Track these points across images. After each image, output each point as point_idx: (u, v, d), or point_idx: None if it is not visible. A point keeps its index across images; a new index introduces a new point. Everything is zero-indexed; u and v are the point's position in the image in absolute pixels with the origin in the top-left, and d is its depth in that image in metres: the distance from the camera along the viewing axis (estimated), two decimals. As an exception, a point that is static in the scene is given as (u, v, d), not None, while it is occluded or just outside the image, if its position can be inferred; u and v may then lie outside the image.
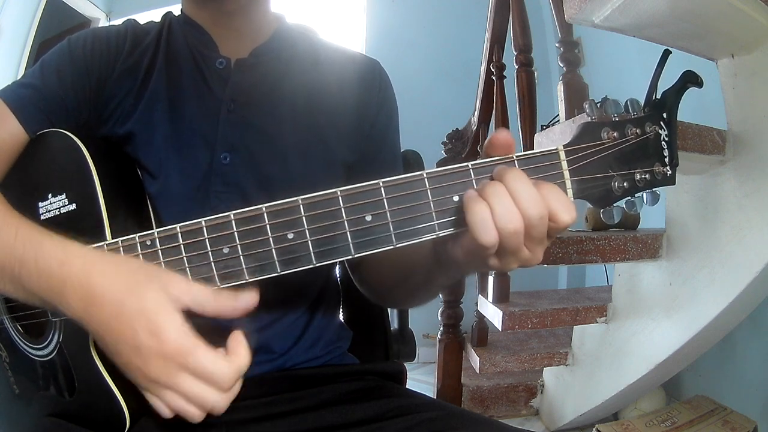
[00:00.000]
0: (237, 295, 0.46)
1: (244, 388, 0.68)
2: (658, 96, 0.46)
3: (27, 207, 0.60)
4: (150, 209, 0.67)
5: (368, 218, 0.43)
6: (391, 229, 0.44)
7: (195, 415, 0.45)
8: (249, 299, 0.46)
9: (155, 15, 0.77)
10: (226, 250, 0.46)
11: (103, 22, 3.19)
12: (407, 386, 0.81)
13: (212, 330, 0.46)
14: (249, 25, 0.72)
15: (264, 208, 0.44)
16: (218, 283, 0.48)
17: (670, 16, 1.12)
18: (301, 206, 0.43)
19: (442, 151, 2.15)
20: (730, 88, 1.30)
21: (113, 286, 0.45)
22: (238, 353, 0.46)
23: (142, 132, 0.68)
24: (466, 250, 0.45)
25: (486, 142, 0.45)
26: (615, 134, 0.45)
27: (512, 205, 0.42)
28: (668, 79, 0.47)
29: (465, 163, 0.44)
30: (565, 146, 0.45)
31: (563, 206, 0.42)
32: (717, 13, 1.13)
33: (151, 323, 0.43)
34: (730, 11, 1.12)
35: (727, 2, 1.10)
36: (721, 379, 1.78)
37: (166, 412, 0.46)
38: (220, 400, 0.45)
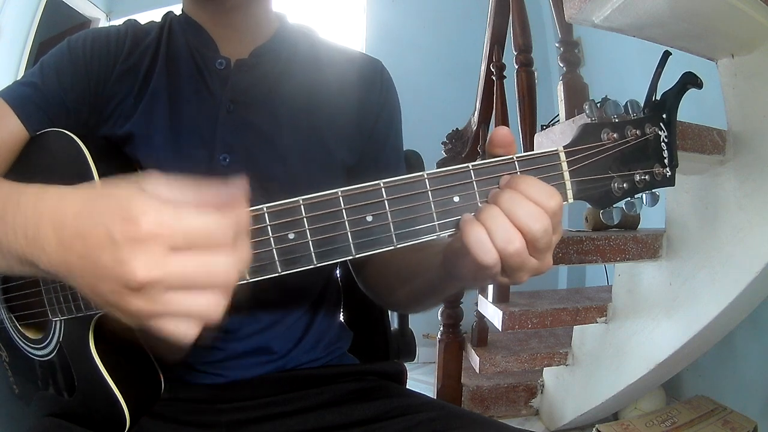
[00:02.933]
0: (222, 186, 0.40)
1: (244, 388, 0.69)
2: (658, 97, 0.46)
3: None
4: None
5: (369, 219, 0.43)
6: (392, 230, 0.43)
7: (217, 303, 0.37)
8: (238, 187, 0.40)
9: (155, 15, 0.76)
10: (226, 250, 0.46)
11: (103, 22, 3.19)
12: (407, 386, 0.81)
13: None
14: (249, 24, 0.72)
15: (265, 208, 0.44)
16: None
17: (670, 16, 1.12)
18: (302, 206, 0.43)
19: (442, 151, 2.15)
20: (730, 88, 1.30)
21: (85, 199, 0.39)
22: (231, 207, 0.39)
23: (141, 133, 0.68)
24: (471, 268, 0.45)
25: (488, 140, 0.45)
26: (615, 135, 0.45)
27: (510, 226, 0.41)
28: (668, 80, 0.47)
29: (466, 164, 0.44)
30: (565, 147, 0.45)
31: (530, 215, 0.42)
32: (717, 13, 1.13)
33: (122, 209, 0.36)
34: (730, 11, 1.12)
35: (727, 2, 1.10)
36: (721, 379, 1.78)
37: (188, 330, 0.38)
38: (229, 263, 0.37)
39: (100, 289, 0.38)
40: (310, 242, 0.43)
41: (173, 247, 0.36)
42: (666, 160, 0.46)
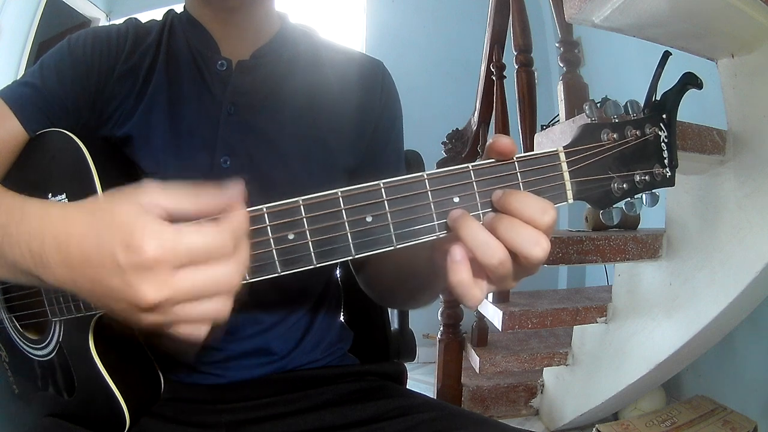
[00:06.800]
0: (219, 191, 0.41)
1: (245, 389, 0.69)
2: (658, 97, 0.46)
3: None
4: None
5: (369, 219, 0.43)
6: (392, 230, 0.43)
7: (223, 306, 0.40)
8: (235, 190, 0.41)
9: (155, 15, 0.76)
10: (226, 251, 0.46)
11: (103, 22, 3.19)
12: (407, 386, 0.81)
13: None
14: (251, 23, 0.72)
15: (265, 209, 0.43)
16: None
17: (670, 16, 1.12)
18: (302, 207, 0.43)
19: (442, 151, 2.15)
20: (730, 88, 1.30)
21: (88, 220, 0.40)
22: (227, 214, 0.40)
23: (141, 134, 0.67)
24: None
25: (486, 146, 0.45)
26: (615, 136, 0.45)
27: (494, 241, 0.42)
28: (668, 80, 0.47)
29: (465, 165, 0.44)
30: (565, 147, 0.45)
31: (529, 241, 0.42)
32: (717, 13, 1.13)
33: (124, 236, 0.37)
34: (730, 11, 1.12)
35: (727, 2, 1.10)
36: (721, 379, 1.78)
37: (197, 332, 0.40)
38: (231, 270, 0.39)
39: (112, 307, 0.40)
40: (309, 242, 0.43)
41: (177, 267, 0.38)
42: (666, 161, 0.46)
